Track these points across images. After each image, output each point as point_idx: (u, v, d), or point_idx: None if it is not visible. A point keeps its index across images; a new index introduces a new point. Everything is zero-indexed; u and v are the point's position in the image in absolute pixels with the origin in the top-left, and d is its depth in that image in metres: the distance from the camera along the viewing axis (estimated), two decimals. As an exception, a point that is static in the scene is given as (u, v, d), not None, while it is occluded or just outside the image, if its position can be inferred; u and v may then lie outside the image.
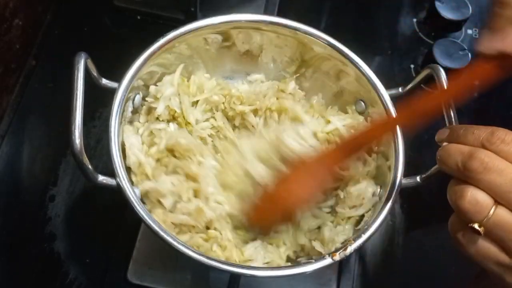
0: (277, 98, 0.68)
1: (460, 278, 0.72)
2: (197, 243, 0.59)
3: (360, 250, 0.72)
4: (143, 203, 0.58)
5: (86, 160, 0.53)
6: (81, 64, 0.55)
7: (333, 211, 0.64)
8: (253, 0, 0.86)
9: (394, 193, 0.60)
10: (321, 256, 0.56)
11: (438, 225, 0.75)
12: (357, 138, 0.60)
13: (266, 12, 0.85)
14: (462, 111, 0.83)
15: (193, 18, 0.79)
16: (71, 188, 0.72)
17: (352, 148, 0.60)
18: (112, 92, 0.60)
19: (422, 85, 0.69)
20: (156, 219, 0.56)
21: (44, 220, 0.70)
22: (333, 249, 0.58)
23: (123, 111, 0.60)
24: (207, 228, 0.60)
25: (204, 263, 0.53)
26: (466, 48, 0.82)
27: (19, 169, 0.73)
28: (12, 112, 0.76)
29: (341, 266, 0.70)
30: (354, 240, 0.57)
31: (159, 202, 0.59)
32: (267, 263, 0.61)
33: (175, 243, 0.54)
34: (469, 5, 0.86)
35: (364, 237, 0.57)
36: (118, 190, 0.55)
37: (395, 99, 0.65)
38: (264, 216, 0.61)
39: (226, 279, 0.67)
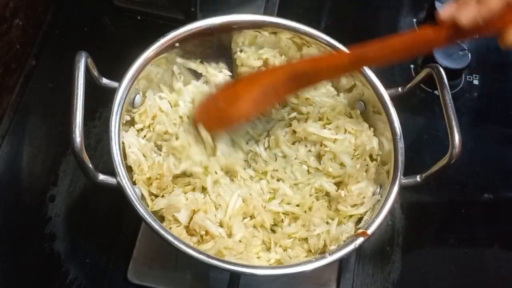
0: None
1: (461, 278, 0.72)
2: (225, 245, 0.60)
3: (360, 250, 0.72)
4: (160, 221, 0.58)
5: (86, 159, 0.53)
6: (82, 63, 0.55)
7: (335, 210, 0.65)
8: (253, 1, 0.86)
9: (394, 192, 0.60)
10: (320, 256, 0.56)
11: (438, 225, 0.75)
12: (307, 65, 0.62)
13: (266, 12, 0.85)
14: (462, 111, 0.83)
15: (193, 18, 0.79)
16: (71, 188, 0.72)
17: (303, 78, 0.61)
18: (112, 92, 0.60)
19: (421, 84, 0.69)
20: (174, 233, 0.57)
21: (44, 220, 0.70)
22: (335, 247, 0.59)
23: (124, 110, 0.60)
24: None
25: (204, 261, 0.53)
26: (466, 48, 0.82)
27: (19, 169, 0.73)
28: (12, 112, 0.76)
29: (341, 266, 0.70)
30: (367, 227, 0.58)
31: (175, 218, 0.60)
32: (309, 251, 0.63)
33: (175, 242, 0.54)
34: (469, 5, 0.86)
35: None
36: (118, 189, 0.55)
37: (395, 98, 0.65)
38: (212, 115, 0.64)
39: (226, 279, 0.67)
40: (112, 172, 0.56)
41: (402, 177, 0.61)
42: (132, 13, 0.85)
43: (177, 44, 0.65)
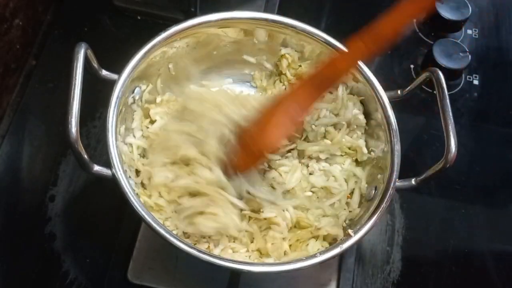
0: None
1: (461, 278, 0.72)
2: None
3: (359, 250, 0.72)
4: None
5: (81, 149, 0.53)
6: (81, 54, 0.55)
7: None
8: (253, 0, 0.86)
9: (388, 195, 0.60)
10: (313, 255, 0.57)
11: (438, 225, 0.75)
12: (319, 74, 0.59)
13: (266, 12, 0.85)
14: (461, 111, 0.83)
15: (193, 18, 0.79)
16: (71, 188, 0.72)
17: (317, 84, 0.59)
18: (112, 89, 0.60)
19: (423, 86, 0.69)
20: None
21: (44, 220, 0.70)
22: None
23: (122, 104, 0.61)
24: None
25: (202, 259, 0.54)
26: (467, 49, 0.82)
27: (19, 169, 0.73)
28: (12, 112, 0.76)
29: (341, 266, 0.70)
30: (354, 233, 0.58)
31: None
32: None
33: (175, 241, 0.54)
34: (469, 5, 0.86)
35: (356, 237, 0.58)
36: (113, 181, 0.55)
37: (394, 101, 0.65)
38: (244, 159, 0.61)
39: (226, 278, 0.67)
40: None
41: (397, 180, 0.61)
42: (132, 13, 0.85)
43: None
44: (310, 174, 0.68)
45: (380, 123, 0.65)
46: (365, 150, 0.67)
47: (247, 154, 0.60)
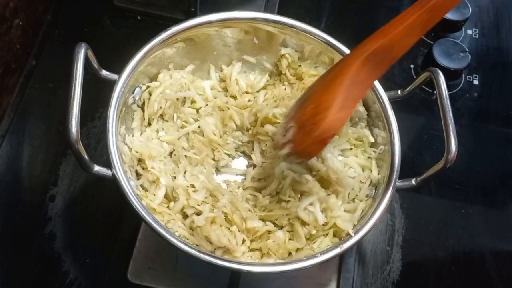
0: None
1: (461, 278, 0.72)
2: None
3: (360, 250, 0.72)
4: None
5: (82, 149, 0.53)
6: (81, 54, 0.55)
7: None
8: (253, 0, 0.86)
9: (388, 195, 0.60)
10: (313, 255, 0.57)
11: (438, 225, 0.75)
12: (378, 48, 0.55)
13: (266, 12, 0.85)
14: (462, 111, 0.83)
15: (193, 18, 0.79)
16: (71, 188, 0.72)
17: (377, 60, 0.54)
18: (112, 89, 0.60)
19: (423, 86, 0.69)
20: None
21: (44, 220, 0.70)
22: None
23: (123, 103, 0.61)
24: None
25: (202, 259, 0.54)
26: (467, 49, 0.82)
27: (19, 169, 0.73)
28: (12, 112, 0.76)
29: (341, 266, 0.70)
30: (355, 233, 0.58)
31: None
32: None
33: (175, 241, 0.54)
34: (469, 5, 0.86)
35: (356, 237, 0.58)
36: (113, 181, 0.55)
37: (394, 101, 0.65)
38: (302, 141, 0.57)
39: (226, 278, 0.67)
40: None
41: (397, 180, 0.61)
42: (132, 13, 0.85)
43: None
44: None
45: (380, 123, 0.65)
46: (371, 138, 0.67)
47: (305, 136, 0.56)
